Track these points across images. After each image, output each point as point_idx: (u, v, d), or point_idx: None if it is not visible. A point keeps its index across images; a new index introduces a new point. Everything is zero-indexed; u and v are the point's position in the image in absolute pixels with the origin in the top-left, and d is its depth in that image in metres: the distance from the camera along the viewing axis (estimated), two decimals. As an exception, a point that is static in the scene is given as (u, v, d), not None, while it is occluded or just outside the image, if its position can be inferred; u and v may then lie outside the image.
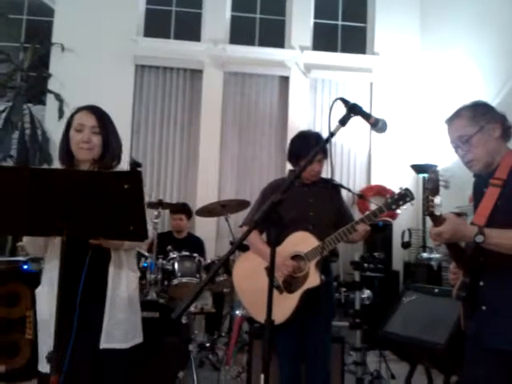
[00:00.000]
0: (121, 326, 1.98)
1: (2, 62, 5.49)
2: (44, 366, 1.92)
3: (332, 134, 1.69)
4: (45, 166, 4.75)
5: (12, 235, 1.92)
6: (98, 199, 1.61)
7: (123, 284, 2.01)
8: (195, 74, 5.59)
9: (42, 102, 5.42)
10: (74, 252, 1.83)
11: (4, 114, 5.14)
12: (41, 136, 5.24)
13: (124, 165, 2.16)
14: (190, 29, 5.73)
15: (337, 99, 1.72)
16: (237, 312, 3.66)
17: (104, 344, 1.94)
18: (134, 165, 3.23)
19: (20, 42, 5.76)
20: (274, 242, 2.27)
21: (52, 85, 5.29)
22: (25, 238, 2.01)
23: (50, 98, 5.25)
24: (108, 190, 1.60)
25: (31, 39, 5.69)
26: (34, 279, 3.18)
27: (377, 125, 1.74)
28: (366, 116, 1.75)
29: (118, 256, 1.99)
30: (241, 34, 5.81)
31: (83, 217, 1.66)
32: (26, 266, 3.61)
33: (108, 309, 1.95)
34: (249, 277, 2.68)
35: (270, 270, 1.59)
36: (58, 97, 5.12)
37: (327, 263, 2.75)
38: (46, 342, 1.93)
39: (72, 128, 2.01)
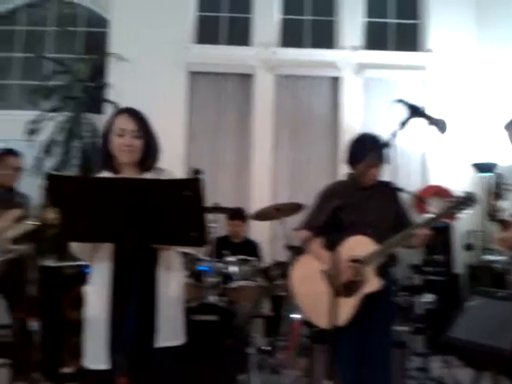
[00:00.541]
0: (171, 325, 2.03)
1: (63, 73, 5.72)
2: (91, 362, 2.00)
3: (393, 137, 1.66)
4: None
5: (81, 242, 1.98)
6: (159, 206, 1.65)
7: (171, 283, 2.06)
8: (246, 79, 5.63)
9: (101, 112, 5.61)
10: (123, 253, 1.90)
11: (65, 125, 5.35)
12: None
13: (175, 170, 2.20)
14: (240, 33, 5.78)
15: (396, 101, 1.69)
16: (294, 315, 3.66)
17: (157, 342, 1.98)
18: (195, 172, 3.30)
19: (78, 54, 5.99)
20: (335, 247, 2.28)
21: (109, 94, 5.46)
22: (74, 243, 2.06)
23: (108, 108, 5.42)
24: (169, 197, 1.64)
25: (89, 51, 5.91)
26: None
27: (437, 125, 1.71)
28: (428, 117, 1.72)
29: (166, 256, 2.04)
30: (290, 36, 5.81)
31: (146, 224, 1.70)
32: (86, 270, 3.75)
33: (158, 308, 2.00)
34: (306, 280, 2.67)
35: (331, 275, 1.58)
36: (115, 105, 5.27)
37: (386, 267, 2.70)
38: (94, 339, 2.00)
39: (113, 132, 2.05)
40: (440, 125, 1.71)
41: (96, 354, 1.98)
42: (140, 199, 1.63)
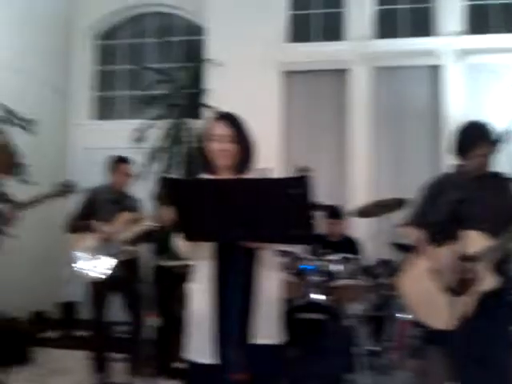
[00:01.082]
0: (269, 322, 2.07)
1: (164, 82, 6.01)
2: (197, 356, 2.08)
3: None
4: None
5: (194, 241, 2.07)
6: (269, 205, 1.68)
7: (270, 281, 2.10)
8: (341, 74, 5.55)
9: (201, 117, 5.81)
10: (225, 252, 1.96)
11: (169, 131, 5.61)
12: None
13: (270, 170, 2.22)
14: (333, 29, 5.70)
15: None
16: (402, 315, 3.55)
17: (256, 339, 2.02)
18: (302, 170, 3.32)
19: (178, 63, 6.25)
20: (446, 243, 2.18)
21: (208, 99, 5.64)
22: (179, 242, 2.13)
23: (207, 113, 5.60)
24: (278, 196, 1.66)
25: (187, 59, 6.15)
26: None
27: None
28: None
29: (264, 255, 2.09)
30: (385, 27, 5.64)
31: (256, 222, 1.74)
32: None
33: (258, 305, 2.04)
34: (415, 279, 2.58)
35: (443, 273, 1.51)
36: (213, 110, 5.43)
37: (502, 264, 2.53)
38: (199, 335, 2.08)
39: (210, 139, 2.15)
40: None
41: (201, 349, 2.07)
42: (249, 198, 1.68)
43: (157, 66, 6.47)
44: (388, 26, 5.62)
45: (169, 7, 6.69)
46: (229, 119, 2.16)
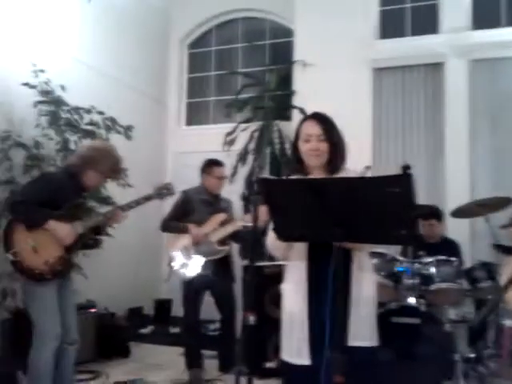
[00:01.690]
0: (365, 325, 2.03)
1: (253, 85, 6.09)
2: (292, 357, 2.07)
3: None
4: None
5: (290, 241, 2.08)
6: (368, 204, 1.64)
7: (365, 283, 2.06)
8: (436, 68, 5.31)
9: (289, 118, 5.83)
10: (319, 252, 1.94)
11: (257, 134, 5.68)
12: (289, 150, 5.64)
13: (368, 168, 2.16)
14: (426, 22, 5.48)
15: None
16: (506, 321, 3.32)
17: (351, 341, 1.99)
18: (405, 168, 3.23)
19: (265, 65, 6.32)
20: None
21: (296, 100, 5.63)
22: (271, 242, 2.14)
23: (295, 114, 5.60)
24: (379, 195, 1.62)
25: (275, 61, 6.20)
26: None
27: None
28: None
29: (359, 256, 2.06)
30: (483, 17, 5.32)
31: (355, 222, 1.70)
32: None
33: (353, 307, 2.01)
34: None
35: None
36: (301, 111, 5.41)
37: None
38: (294, 335, 2.06)
39: (300, 139, 2.14)
40: None
41: (295, 349, 2.06)
42: (349, 197, 1.65)
43: (245, 71, 6.59)
44: (486, 17, 5.30)
45: (256, 11, 6.78)
46: (320, 118, 2.15)
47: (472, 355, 3.66)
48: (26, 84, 4.33)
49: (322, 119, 2.15)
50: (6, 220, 3.04)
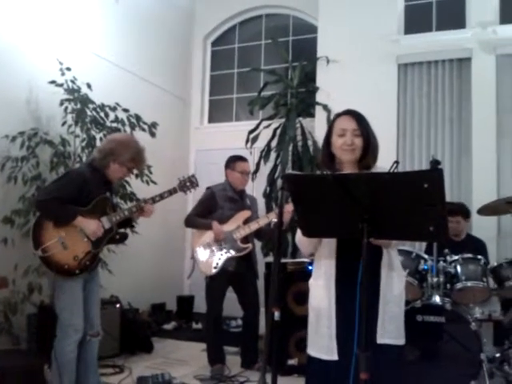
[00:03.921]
0: (394, 322, 2.02)
1: (275, 82, 6.08)
2: (315, 351, 2.08)
3: None
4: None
5: (318, 237, 2.07)
6: (397, 200, 1.62)
7: (394, 281, 2.05)
8: (462, 63, 5.22)
9: (312, 115, 5.80)
10: (350, 249, 1.93)
11: (280, 130, 5.66)
12: (312, 146, 5.62)
13: (397, 164, 2.14)
14: (452, 17, 5.38)
15: None
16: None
17: (380, 339, 1.98)
18: (434, 163, 3.20)
19: (289, 62, 6.30)
20: None
21: (319, 97, 5.61)
22: (299, 238, 2.14)
23: (318, 110, 5.58)
24: (408, 190, 1.60)
25: (298, 57, 6.17)
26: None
27: None
28: None
29: (388, 253, 2.05)
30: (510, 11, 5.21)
31: (383, 218, 1.69)
32: (310, 267, 3.89)
33: (382, 304, 2.01)
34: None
35: None
36: (325, 108, 5.40)
37: None
38: (321, 331, 2.07)
39: (334, 133, 2.13)
40: None
41: (322, 345, 2.06)
42: (377, 193, 1.63)
43: (268, 68, 6.58)
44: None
45: (279, 8, 6.76)
46: (355, 114, 2.15)
47: (497, 355, 3.62)
48: (52, 82, 4.41)
49: (357, 115, 2.15)
50: (34, 216, 3.09)
